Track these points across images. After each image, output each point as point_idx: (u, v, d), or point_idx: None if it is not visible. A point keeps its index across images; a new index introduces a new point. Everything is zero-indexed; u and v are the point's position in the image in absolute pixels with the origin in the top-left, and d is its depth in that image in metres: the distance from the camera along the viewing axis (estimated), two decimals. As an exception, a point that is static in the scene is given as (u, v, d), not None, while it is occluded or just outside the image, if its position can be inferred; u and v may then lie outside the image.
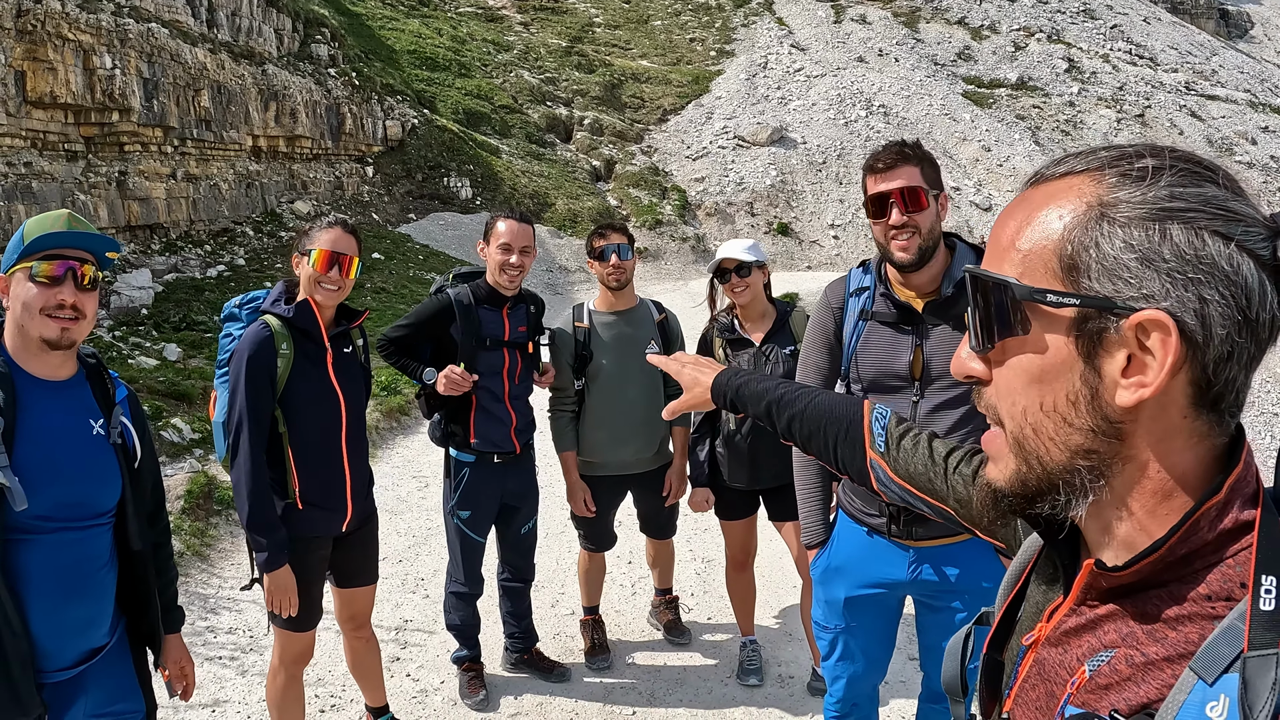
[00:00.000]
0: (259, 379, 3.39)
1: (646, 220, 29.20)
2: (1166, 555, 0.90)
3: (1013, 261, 0.96)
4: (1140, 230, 0.88)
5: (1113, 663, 0.94)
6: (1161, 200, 0.88)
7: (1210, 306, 0.85)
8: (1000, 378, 0.98)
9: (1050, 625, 1.06)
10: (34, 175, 14.04)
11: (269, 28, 24.36)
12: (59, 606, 2.43)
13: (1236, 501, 0.91)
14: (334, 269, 3.46)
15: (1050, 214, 0.94)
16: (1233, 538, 0.90)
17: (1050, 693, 1.02)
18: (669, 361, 2.01)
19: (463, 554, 4.59)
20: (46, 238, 2.40)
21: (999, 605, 1.23)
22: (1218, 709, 0.81)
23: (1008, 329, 0.96)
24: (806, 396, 1.74)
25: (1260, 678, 0.79)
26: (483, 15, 40.88)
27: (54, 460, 2.40)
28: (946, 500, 1.53)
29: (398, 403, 10.50)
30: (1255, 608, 0.83)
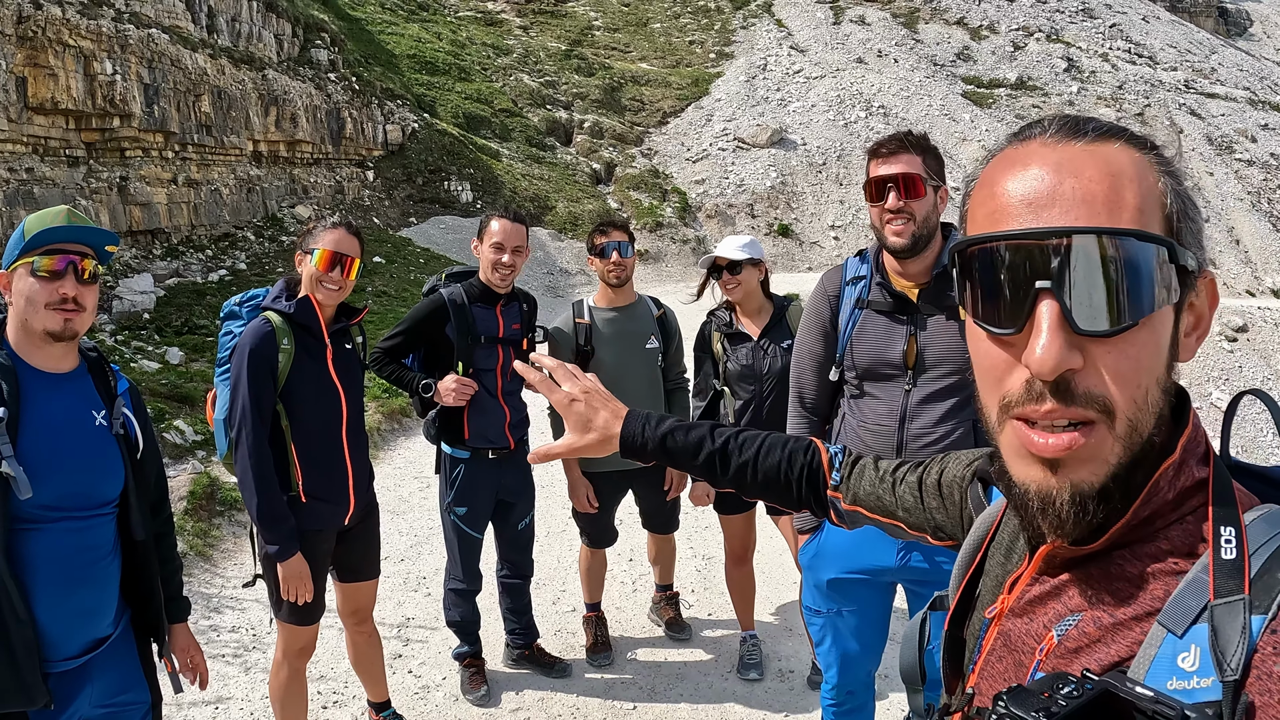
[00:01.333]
0: (260, 373, 3.43)
1: (647, 222, 29.26)
2: (1131, 519, 0.92)
3: (1125, 220, 0.87)
4: (1191, 196, 0.93)
5: (1080, 626, 0.94)
6: (1181, 168, 0.94)
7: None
8: (1115, 361, 0.86)
9: (1013, 596, 1.05)
10: (35, 181, 14.09)
11: (269, 33, 24.43)
12: (64, 595, 2.45)
13: (1190, 461, 0.94)
14: (336, 269, 3.50)
15: (1140, 172, 0.90)
16: (1189, 495, 0.93)
17: (1018, 662, 1.01)
18: (550, 388, 1.63)
19: (460, 550, 4.62)
20: (46, 232, 2.44)
21: (956, 583, 1.22)
22: (1189, 659, 0.82)
23: (1155, 300, 0.87)
24: (754, 442, 1.59)
25: (1229, 624, 0.81)
26: (482, 19, 40.98)
27: (58, 450, 2.44)
28: (895, 513, 1.49)
29: (399, 404, 10.53)
30: (1217, 558, 0.85)
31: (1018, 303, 0.88)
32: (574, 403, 1.57)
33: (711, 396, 4.67)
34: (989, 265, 0.91)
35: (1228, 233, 34.92)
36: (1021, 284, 0.88)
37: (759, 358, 4.50)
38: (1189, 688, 0.81)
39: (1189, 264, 0.89)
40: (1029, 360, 0.86)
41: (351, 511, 3.73)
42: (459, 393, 4.25)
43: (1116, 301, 0.85)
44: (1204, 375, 24.86)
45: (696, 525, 6.95)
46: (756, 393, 4.51)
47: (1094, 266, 0.85)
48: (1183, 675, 0.82)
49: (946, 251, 3.26)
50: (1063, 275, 0.85)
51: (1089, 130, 0.92)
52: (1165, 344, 0.90)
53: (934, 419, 3.01)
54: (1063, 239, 0.86)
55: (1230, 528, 0.87)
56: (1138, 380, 0.87)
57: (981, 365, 0.95)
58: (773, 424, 4.25)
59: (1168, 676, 0.83)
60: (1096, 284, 0.85)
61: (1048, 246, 0.86)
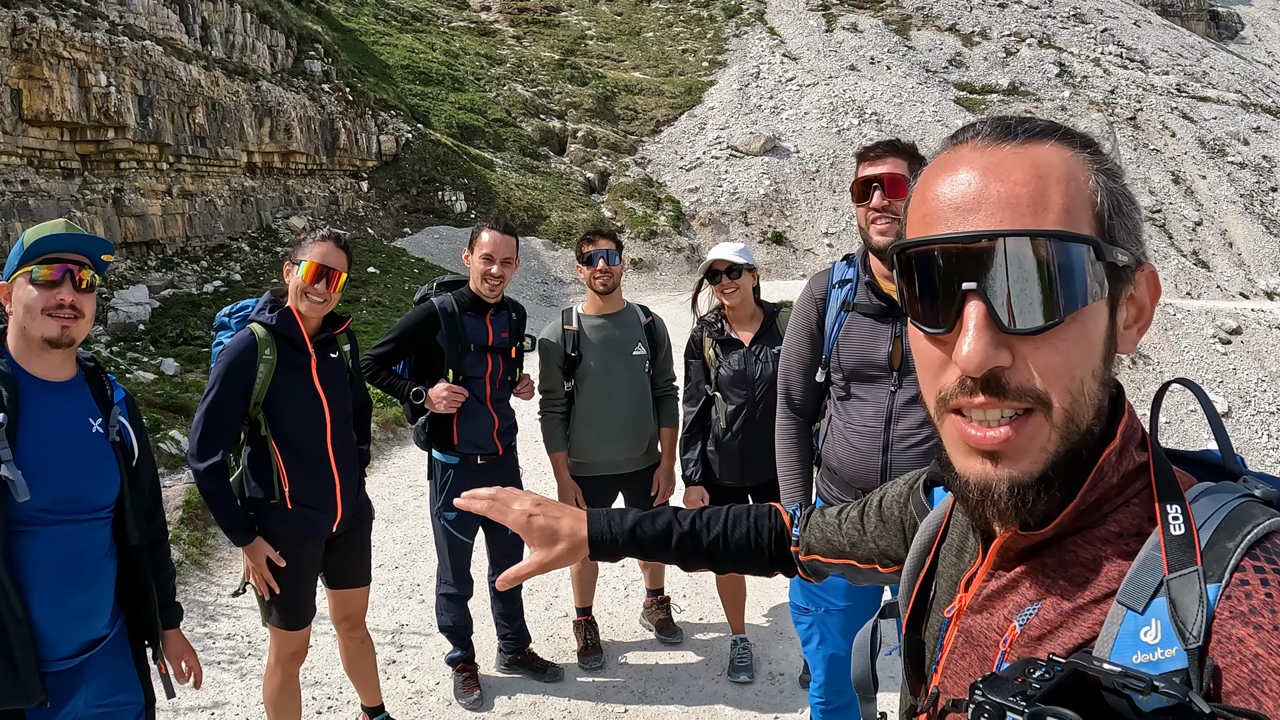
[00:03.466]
0: (233, 384, 3.50)
1: (641, 231, 29.34)
2: (1079, 505, 0.96)
3: (1050, 221, 0.89)
4: (1127, 192, 0.96)
5: (1041, 614, 0.97)
6: (1117, 164, 0.98)
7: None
8: (1045, 357, 0.89)
9: (970, 593, 1.07)
10: (31, 193, 14.14)
11: (262, 44, 24.51)
12: (60, 596, 2.52)
13: (1130, 447, 0.98)
14: (321, 282, 3.55)
15: (1069, 171, 0.92)
16: (1131, 479, 0.97)
17: (983, 656, 1.03)
18: (502, 510, 1.53)
19: (451, 555, 4.67)
20: (43, 241, 2.52)
21: (909, 586, 1.24)
22: (1151, 632, 0.86)
23: (1082, 297, 0.89)
24: (720, 518, 1.59)
25: (1186, 595, 0.85)
26: (475, 29, 41.10)
27: (55, 455, 2.50)
28: (844, 551, 1.51)
29: (394, 413, 10.57)
30: (1167, 534, 0.90)
31: (948, 303, 0.91)
32: (532, 518, 1.51)
33: (703, 403, 4.72)
34: (921, 268, 0.93)
35: (1220, 235, 35.06)
36: (950, 285, 0.90)
37: (751, 364, 4.55)
38: (1154, 659, 0.84)
39: (1119, 260, 0.92)
40: (957, 358, 0.90)
41: (339, 519, 3.77)
42: (449, 400, 4.31)
43: (1041, 300, 0.87)
44: (1198, 378, 24.94)
45: (689, 530, 7.00)
46: (749, 398, 4.56)
47: (1018, 267, 0.87)
48: (1147, 648, 0.85)
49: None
50: (988, 277, 0.88)
51: (1020, 132, 0.94)
52: (1098, 338, 0.92)
53: (919, 420, 3.06)
54: (987, 242, 0.88)
55: (1176, 504, 0.92)
56: (1069, 374, 0.90)
57: (920, 362, 0.99)
58: (765, 429, 4.30)
59: (1132, 651, 0.86)
60: (1021, 284, 0.87)
61: (974, 250, 0.89)
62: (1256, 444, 23.67)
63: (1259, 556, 0.86)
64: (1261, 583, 0.84)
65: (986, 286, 0.88)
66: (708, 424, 4.76)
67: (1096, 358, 0.92)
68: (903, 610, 1.25)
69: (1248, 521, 0.89)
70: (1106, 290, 0.92)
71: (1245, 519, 0.89)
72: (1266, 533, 0.88)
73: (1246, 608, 0.83)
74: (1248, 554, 0.86)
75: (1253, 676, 0.80)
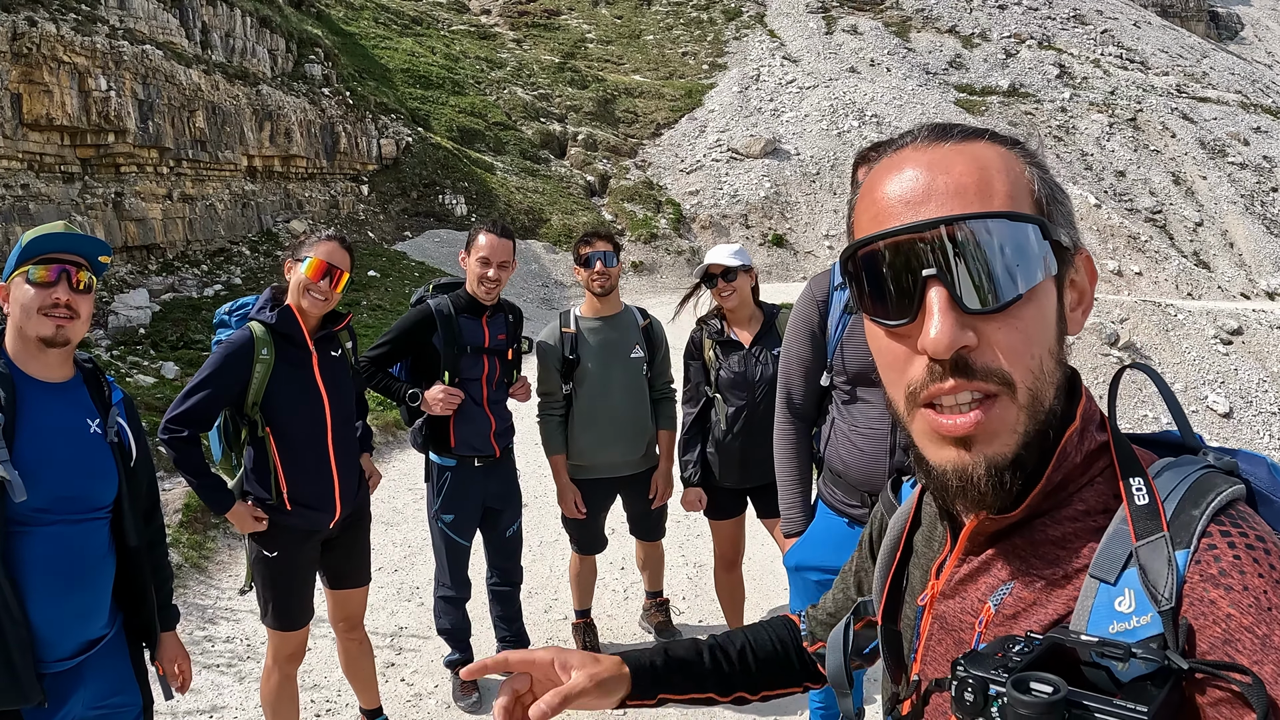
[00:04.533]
0: (222, 375, 3.51)
1: (642, 234, 29.33)
2: (1045, 485, 0.98)
3: (996, 205, 0.93)
4: (1058, 183, 1.01)
5: (1014, 593, 0.99)
6: (1044, 160, 1.02)
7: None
8: (1006, 336, 0.92)
9: (942, 580, 1.10)
10: (31, 197, 14.15)
11: (263, 48, 24.52)
12: (57, 596, 2.53)
13: (1090, 427, 1.02)
14: (325, 280, 3.56)
15: (1006, 164, 0.97)
16: (1094, 459, 1.01)
17: (959, 640, 1.05)
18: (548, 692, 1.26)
19: (448, 558, 4.67)
20: (40, 240, 2.55)
21: (881, 579, 1.26)
22: (1125, 602, 0.89)
23: (1036, 273, 0.93)
24: (739, 635, 1.52)
25: (1155, 560, 0.88)
26: (475, 33, 41.11)
27: (52, 456, 2.52)
28: (839, 615, 1.48)
29: (393, 416, 10.57)
30: (1133, 505, 0.93)
31: (908, 294, 0.93)
32: (572, 672, 1.30)
33: (703, 404, 4.73)
34: (878, 264, 0.96)
35: (1221, 236, 35.03)
36: (910, 276, 0.93)
37: (751, 365, 4.56)
38: (1130, 628, 0.87)
39: (1063, 240, 0.96)
40: (924, 343, 0.92)
41: (337, 518, 3.78)
42: (446, 402, 4.32)
43: (998, 279, 0.91)
44: (1199, 379, 24.90)
45: (688, 533, 7.00)
46: (749, 400, 4.56)
47: (974, 250, 0.91)
48: (1122, 618, 0.88)
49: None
50: (946, 262, 0.91)
51: (955, 133, 0.99)
52: (1051, 316, 0.96)
53: None
54: (943, 228, 0.92)
55: (1138, 478, 0.95)
56: (1030, 351, 0.93)
57: (884, 361, 1.00)
58: (765, 431, 4.30)
59: (1108, 622, 0.89)
60: (978, 266, 0.91)
61: (930, 238, 0.92)
62: (1259, 445, 23.61)
63: (1224, 522, 0.90)
64: (1229, 545, 0.87)
65: (946, 271, 0.91)
66: (708, 425, 4.76)
67: (1051, 337, 0.96)
68: (877, 602, 1.27)
69: (1211, 490, 0.93)
70: (1055, 268, 0.95)
71: (1208, 487, 0.93)
72: (1230, 500, 0.92)
73: (1216, 570, 0.86)
74: (1213, 520, 0.90)
75: (1226, 635, 0.83)
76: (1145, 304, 25.89)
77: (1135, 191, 36.47)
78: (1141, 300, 26.49)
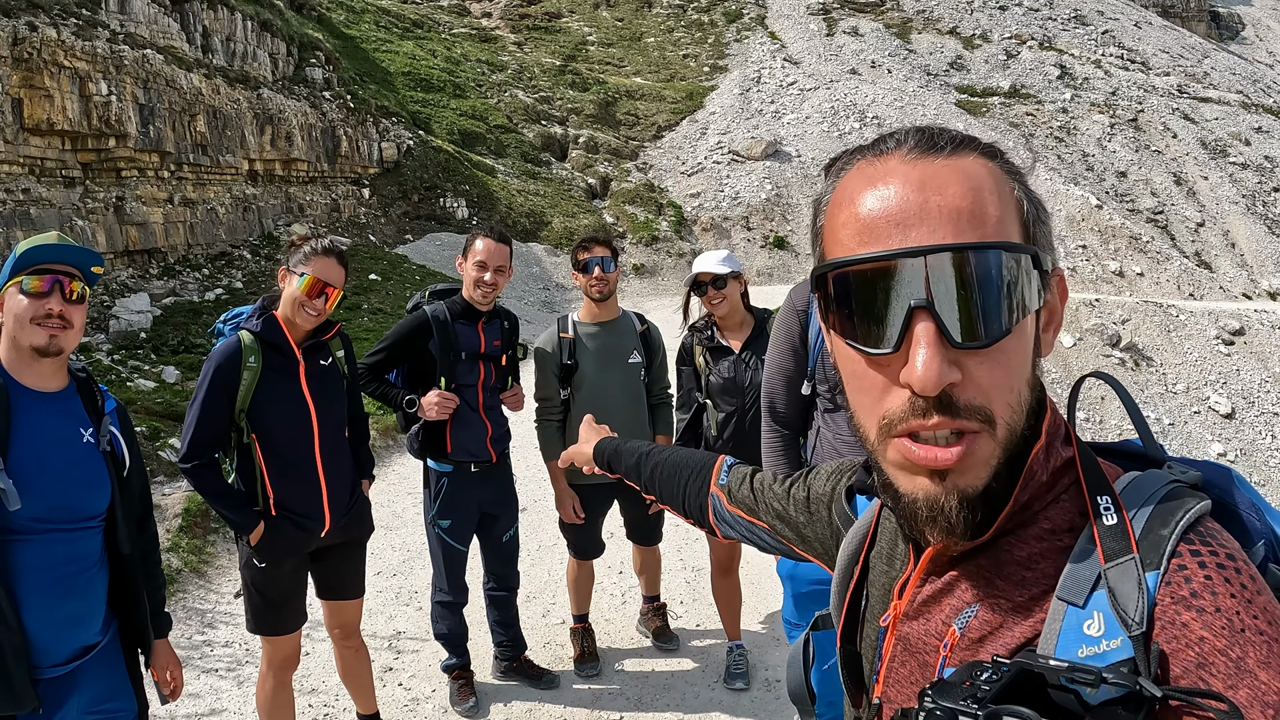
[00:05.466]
0: (217, 389, 3.52)
1: (643, 237, 29.35)
2: (1013, 507, 0.95)
3: (989, 232, 0.89)
4: (1039, 198, 0.97)
5: (980, 615, 0.96)
6: (1025, 172, 0.98)
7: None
8: (989, 372, 0.88)
9: (904, 600, 1.06)
10: (32, 201, 14.18)
11: (263, 52, 24.56)
12: (51, 603, 2.56)
13: (1055, 443, 0.99)
14: (320, 298, 3.56)
15: (997, 184, 0.92)
16: (1059, 475, 0.97)
17: (923, 663, 1.02)
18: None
19: (445, 563, 4.68)
20: (34, 251, 2.59)
21: (839, 598, 1.23)
22: (1094, 625, 0.86)
23: (1026, 307, 0.90)
24: (668, 451, 1.81)
25: (1124, 583, 0.85)
26: (476, 36, 41.18)
27: (46, 465, 2.55)
28: (761, 517, 1.53)
29: (392, 421, 10.58)
30: (1100, 525, 0.91)
31: (893, 322, 0.88)
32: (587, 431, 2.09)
33: (695, 410, 4.73)
34: (861, 286, 0.90)
35: (1223, 236, 35.03)
36: (896, 303, 0.87)
37: (741, 370, 4.56)
38: (1100, 651, 0.84)
39: (1048, 267, 0.93)
40: (910, 379, 0.87)
41: (328, 527, 3.77)
42: (441, 407, 4.32)
43: (989, 314, 0.87)
44: (1201, 380, 24.89)
45: (686, 538, 7.01)
46: (739, 405, 4.57)
47: (966, 282, 0.86)
48: (1091, 641, 0.85)
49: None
50: (936, 292, 0.86)
51: (945, 144, 0.94)
52: (1030, 346, 0.93)
53: None
54: (942, 256, 0.87)
55: (1106, 496, 0.93)
56: (1011, 386, 0.90)
57: (856, 386, 0.95)
58: (755, 436, 4.29)
59: (1077, 646, 0.86)
60: (969, 299, 0.86)
61: (920, 264, 0.87)
62: (1260, 445, 23.59)
63: (1194, 540, 0.87)
64: (1199, 566, 0.85)
65: (935, 302, 0.86)
66: (700, 431, 4.76)
67: (1028, 366, 0.93)
68: (835, 622, 1.24)
69: (1179, 508, 0.90)
70: (1041, 299, 0.92)
71: (1176, 505, 0.91)
72: (1198, 517, 0.90)
73: (1187, 592, 0.84)
74: (1182, 539, 0.88)
75: (1199, 659, 0.81)
76: (1147, 305, 25.88)
77: (1137, 192, 36.46)
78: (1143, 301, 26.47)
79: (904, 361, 0.88)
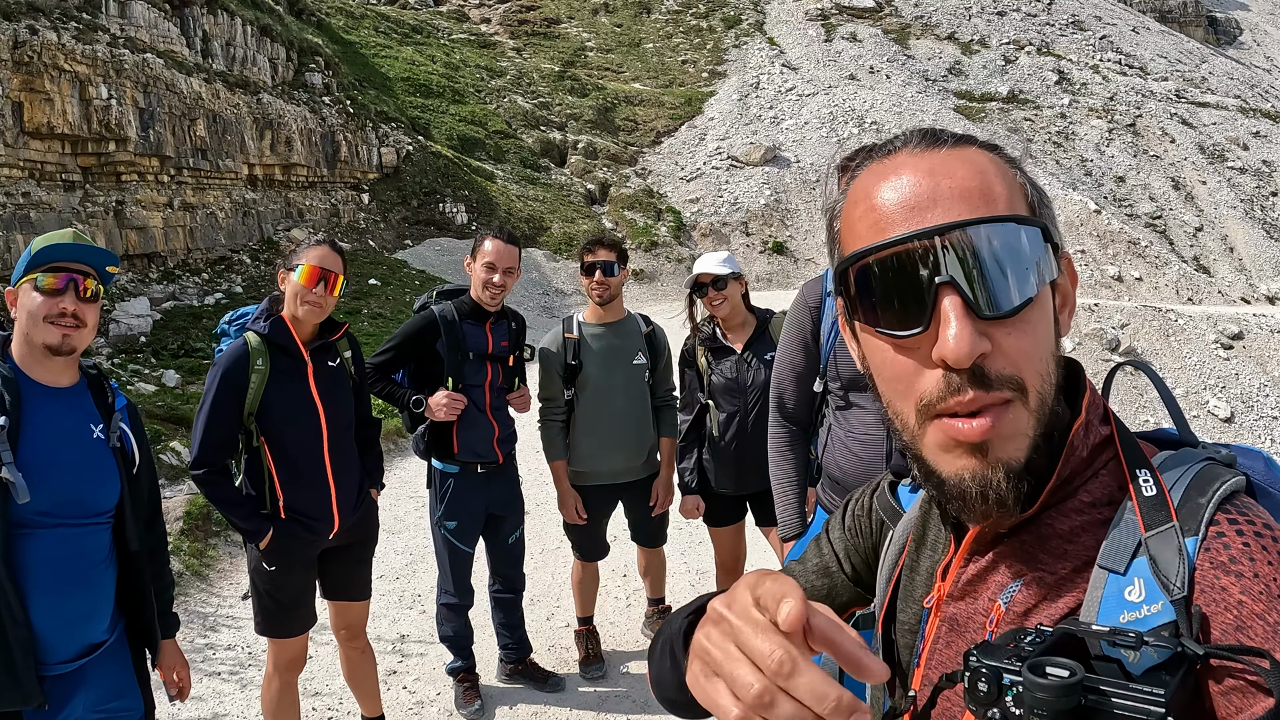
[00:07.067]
0: (226, 393, 3.51)
1: (642, 242, 29.36)
2: (1056, 482, 0.98)
3: (1000, 209, 0.93)
4: (1040, 186, 1.01)
5: (1024, 590, 0.99)
6: (1024, 165, 1.03)
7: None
8: (1016, 340, 0.91)
9: (948, 582, 1.08)
10: (32, 205, 14.17)
11: (263, 57, 24.58)
12: (59, 598, 2.55)
13: (1094, 421, 1.03)
14: (320, 285, 3.55)
15: (1000, 168, 0.97)
16: (1098, 452, 1.01)
17: (970, 640, 1.04)
18: None
19: (451, 564, 4.66)
20: (50, 249, 2.58)
21: (885, 585, 1.24)
22: (1134, 591, 0.89)
23: (1044, 277, 0.93)
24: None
25: (1165, 551, 0.89)
26: (475, 42, 41.21)
27: (55, 459, 2.54)
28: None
29: (394, 425, 10.56)
30: (1140, 496, 0.94)
31: (919, 302, 0.91)
32: None
33: (697, 410, 4.72)
34: (885, 272, 0.93)
35: (1221, 241, 35.07)
36: (921, 283, 0.91)
37: (743, 371, 4.55)
38: (1141, 616, 0.88)
39: (1059, 243, 0.97)
40: (943, 352, 0.89)
41: (336, 529, 3.75)
42: (449, 408, 4.31)
43: (1010, 284, 0.90)
44: (1200, 383, 24.90)
45: (691, 540, 6.99)
46: (741, 406, 4.56)
47: (985, 255, 0.90)
48: (1132, 607, 0.88)
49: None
50: (959, 267, 0.89)
51: (947, 139, 0.99)
52: (1051, 319, 0.96)
53: None
54: (958, 233, 0.90)
55: (1144, 469, 0.97)
56: (1038, 355, 0.92)
57: (889, 375, 0.97)
58: (758, 436, 4.29)
59: (1118, 612, 0.89)
60: (990, 271, 0.90)
61: (941, 243, 0.90)
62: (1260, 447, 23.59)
63: (1230, 510, 0.91)
64: (1237, 533, 0.89)
65: (959, 277, 0.89)
66: (703, 432, 4.76)
67: (1052, 339, 0.96)
68: (879, 609, 1.25)
69: (1215, 480, 0.94)
70: (1055, 270, 0.96)
71: (1212, 477, 0.95)
72: (1232, 490, 0.94)
73: (1226, 558, 0.87)
74: (1219, 509, 0.91)
75: (1238, 622, 0.84)
76: (1146, 309, 25.89)
77: (1135, 197, 36.51)
78: (1142, 305, 26.49)
79: (933, 340, 0.90)
